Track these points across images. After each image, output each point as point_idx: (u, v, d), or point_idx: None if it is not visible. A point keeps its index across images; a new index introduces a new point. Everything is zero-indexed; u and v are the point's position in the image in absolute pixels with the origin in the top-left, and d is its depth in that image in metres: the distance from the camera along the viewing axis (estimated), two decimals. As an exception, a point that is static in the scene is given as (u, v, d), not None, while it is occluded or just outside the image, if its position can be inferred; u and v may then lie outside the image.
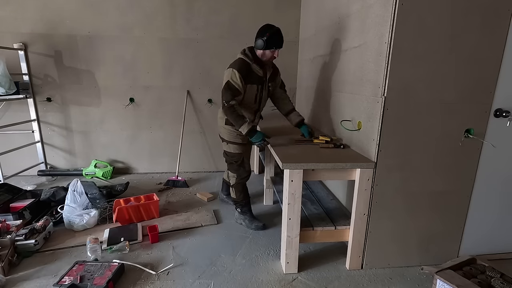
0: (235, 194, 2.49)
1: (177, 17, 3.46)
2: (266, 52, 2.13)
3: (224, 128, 2.35)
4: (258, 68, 2.19)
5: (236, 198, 2.50)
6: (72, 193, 2.48)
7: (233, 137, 2.33)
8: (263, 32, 2.10)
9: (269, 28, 2.10)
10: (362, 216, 1.88)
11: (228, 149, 2.39)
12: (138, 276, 1.89)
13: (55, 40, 3.37)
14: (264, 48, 2.09)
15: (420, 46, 1.65)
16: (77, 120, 3.63)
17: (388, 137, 1.77)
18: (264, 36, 2.07)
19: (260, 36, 2.10)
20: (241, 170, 2.41)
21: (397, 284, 1.86)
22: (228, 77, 2.11)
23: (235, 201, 2.52)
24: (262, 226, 2.43)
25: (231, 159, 2.40)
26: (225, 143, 2.39)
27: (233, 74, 2.09)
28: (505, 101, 1.81)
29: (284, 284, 1.85)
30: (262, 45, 2.09)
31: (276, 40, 2.10)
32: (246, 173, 2.43)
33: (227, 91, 2.10)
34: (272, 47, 2.10)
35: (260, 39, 2.09)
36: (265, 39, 2.07)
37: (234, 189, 2.47)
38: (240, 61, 2.15)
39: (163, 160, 3.84)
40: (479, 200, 1.96)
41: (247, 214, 2.51)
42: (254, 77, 2.18)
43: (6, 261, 1.89)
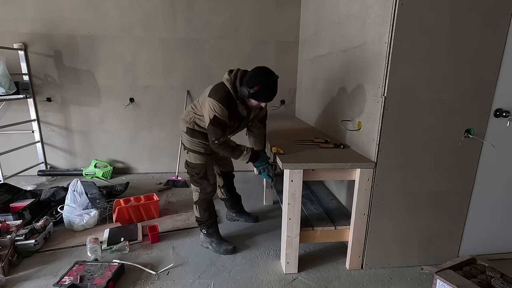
0: (199, 212, 2.14)
1: (177, 17, 3.46)
2: (251, 101, 1.83)
3: (186, 135, 2.05)
4: (243, 109, 1.90)
5: (200, 217, 2.16)
6: (72, 193, 2.48)
7: (195, 145, 2.04)
8: (253, 81, 1.73)
9: (261, 77, 1.74)
10: (362, 216, 1.88)
11: (189, 158, 2.08)
12: (138, 276, 1.89)
13: (55, 40, 3.37)
14: (249, 97, 1.77)
15: (420, 46, 1.65)
16: (77, 120, 3.63)
17: (388, 137, 1.77)
18: (252, 88, 1.71)
19: (247, 84, 1.74)
20: (204, 183, 2.08)
21: (397, 284, 1.86)
22: (213, 111, 1.78)
23: (200, 221, 2.17)
24: (232, 250, 2.13)
25: (193, 170, 2.08)
26: (186, 152, 2.10)
27: (219, 109, 1.77)
28: (505, 101, 1.81)
29: (284, 284, 1.85)
30: (246, 95, 1.76)
31: (265, 94, 1.77)
32: (210, 187, 2.11)
33: (216, 127, 1.79)
34: (259, 100, 1.82)
35: (245, 88, 1.74)
36: (252, 92, 1.72)
37: (198, 207, 2.14)
38: (225, 95, 1.80)
39: (163, 160, 3.84)
40: (479, 200, 1.95)
41: (214, 236, 2.17)
42: (236, 116, 1.89)
43: (6, 261, 1.89)
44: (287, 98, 3.85)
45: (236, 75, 1.84)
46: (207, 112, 1.83)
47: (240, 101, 1.86)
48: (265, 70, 1.77)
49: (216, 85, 1.88)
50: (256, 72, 1.77)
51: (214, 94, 1.81)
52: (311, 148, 2.10)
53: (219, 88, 1.85)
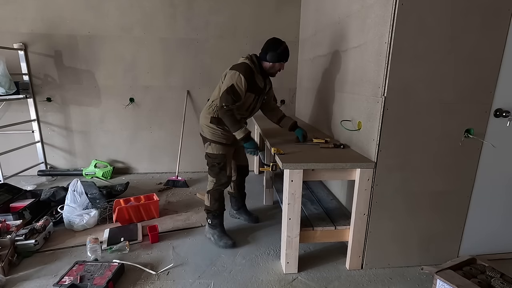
0: (210, 201, 2.25)
1: (177, 17, 3.46)
2: (275, 65, 2.13)
3: (208, 127, 2.18)
4: (261, 79, 2.15)
5: (209, 206, 2.26)
6: (72, 193, 2.48)
7: (217, 136, 2.16)
8: (275, 45, 2.09)
9: (280, 42, 2.11)
10: (362, 216, 1.88)
11: (211, 150, 2.19)
12: (138, 276, 1.89)
13: (55, 40, 3.37)
14: (276, 61, 2.10)
15: (420, 46, 1.65)
16: (77, 120, 3.63)
17: (388, 137, 1.77)
18: (278, 49, 2.08)
19: (272, 49, 2.08)
20: (221, 174, 2.20)
21: (397, 284, 1.86)
22: (232, 80, 1.99)
23: (208, 210, 2.28)
24: (232, 244, 2.20)
25: (214, 161, 2.19)
26: (208, 144, 2.21)
27: (239, 79, 1.99)
28: (505, 101, 1.81)
29: (284, 284, 1.85)
30: (275, 58, 2.08)
31: (287, 53, 2.13)
32: (226, 178, 2.22)
33: (229, 94, 1.98)
34: (283, 60, 2.13)
35: (273, 52, 2.08)
36: (279, 52, 2.07)
37: (210, 196, 2.24)
38: (247, 66, 2.06)
39: (163, 160, 3.84)
40: (479, 200, 1.96)
41: (217, 228, 2.28)
42: (255, 87, 2.11)
43: (6, 261, 1.89)
44: (287, 98, 3.85)
45: (251, 55, 2.14)
46: (226, 81, 2.02)
47: (259, 72, 2.12)
48: (277, 38, 2.15)
49: (235, 64, 2.12)
50: (273, 40, 2.13)
51: (237, 67, 2.04)
52: (311, 148, 2.10)
53: (241, 64, 2.08)
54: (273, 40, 2.13)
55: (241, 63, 2.09)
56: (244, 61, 2.10)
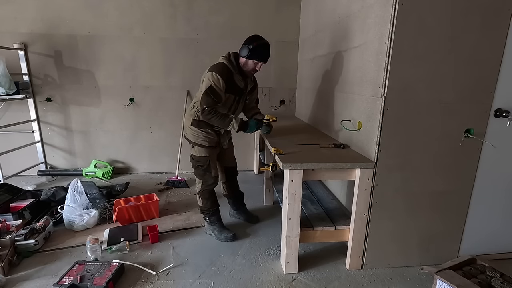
0: (202, 202, 2.31)
1: (177, 17, 3.46)
2: (248, 62, 2.05)
3: (190, 129, 2.17)
4: (240, 79, 2.11)
5: (202, 207, 2.33)
6: (72, 193, 2.48)
7: (200, 139, 2.16)
8: (251, 40, 2.03)
9: (258, 38, 2.04)
10: (362, 216, 1.88)
11: (194, 152, 2.20)
12: (138, 276, 1.89)
13: (55, 40, 3.37)
14: (248, 56, 2.02)
15: (420, 46, 1.65)
16: (77, 120, 3.63)
17: (388, 137, 1.77)
18: (251, 44, 2.00)
19: (247, 43, 2.03)
20: (207, 176, 2.23)
21: (397, 284, 1.86)
22: (210, 81, 1.97)
23: (202, 210, 2.34)
24: (232, 237, 2.28)
25: (197, 163, 2.21)
26: (191, 146, 2.22)
27: (216, 79, 1.97)
28: (505, 101, 1.81)
29: (284, 284, 1.85)
30: (246, 53, 2.01)
31: (261, 52, 2.03)
32: (212, 179, 2.25)
33: (208, 96, 1.97)
34: (256, 59, 2.03)
35: (246, 46, 2.02)
36: (251, 47, 2.00)
37: (200, 197, 2.30)
38: (223, 66, 2.04)
39: (163, 160, 3.84)
40: (479, 200, 1.96)
41: (216, 224, 2.33)
42: (234, 88, 2.08)
43: (6, 261, 1.89)
44: (287, 98, 3.85)
45: (230, 53, 2.12)
46: (204, 83, 2.00)
47: (238, 72, 2.08)
48: (259, 35, 2.08)
49: (213, 64, 2.08)
50: (253, 35, 2.08)
51: (213, 68, 2.02)
52: (311, 148, 2.10)
53: (217, 64, 2.06)
54: (252, 35, 2.07)
55: (218, 63, 2.07)
56: (222, 60, 2.07)
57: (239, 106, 2.23)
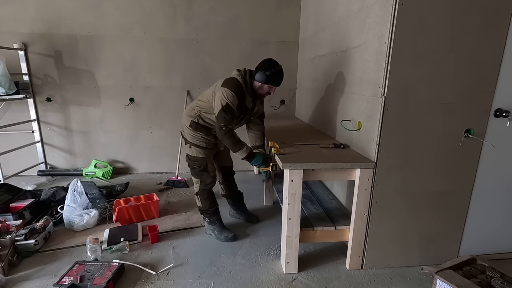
0: (200, 202, 2.31)
1: (177, 17, 3.46)
2: (264, 86, 2.05)
3: (188, 129, 2.17)
4: (250, 100, 2.10)
5: (202, 207, 2.33)
6: (72, 193, 2.48)
7: (197, 140, 2.16)
8: (267, 66, 2.02)
9: (274, 64, 2.04)
10: (362, 216, 1.88)
11: (191, 152, 2.20)
12: (138, 276, 1.89)
13: (55, 40, 3.37)
14: (265, 82, 2.02)
15: (420, 46, 1.65)
16: (77, 120, 3.63)
17: (388, 137, 1.77)
18: (268, 71, 2.00)
19: (263, 69, 2.01)
20: (204, 175, 2.23)
21: (397, 284, 1.86)
22: (226, 98, 1.95)
23: (202, 210, 2.34)
24: (232, 237, 2.28)
25: (194, 163, 2.21)
26: (188, 146, 2.22)
27: (232, 97, 1.95)
28: (505, 101, 1.81)
29: (284, 284, 1.85)
30: (263, 79, 2.01)
31: (278, 78, 2.05)
32: (210, 178, 2.25)
33: (226, 114, 1.95)
34: (272, 84, 2.05)
35: (262, 72, 2.00)
36: (268, 74, 2.00)
37: (199, 197, 2.29)
38: (238, 84, 2.01)
39: (163, 160, 3.84)
40: (479, 200, 1.95)
41: (216, 224, 2.33)
42: (243, 108, 2.07)
43: (6, 261, 1.89)
44: (287, 98, 3.85)
45: (245, 71, 2.09)
46: (219, 100, 1.96)
47: (249, 94, 2.08)
48: (273, 59, 2.07)
49: (228, 78, 2.06)
50: (268, 60, 2.07)
51: (228, 85, 2.00)
52: (311, 148, 2.10)
53: (232, 80, 2.03)
54: (268, 60, 2.06)
55: (233, 79, 2.04)
56: (236, 77, 2.05)
57: (241, 122, 2.22)
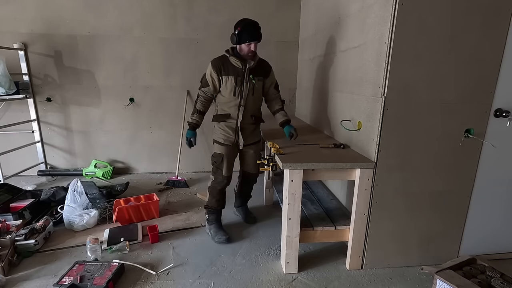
0: (208, 197, 2.34)
1: (177, 17, 3.46)
2: (242, 47, 2.06)
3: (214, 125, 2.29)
4: (235, 59, 2.10)
5: (207, 202, 2.35)
6: (72, 193, 2.48)
7: (217, 135, 2.25)
8: (235, 26, 2.05)
9: (241, 21, 2.05)
10: (362, 216, 1.88)
11: (214, 148, 2.29)
12: (138, 276, 1.89)
13: (55, 40, 3.37)
14: (237, 42, 2.05)
15: (420, 46, 1.65)
16: (77, 120, 3.63)
17: (388, 137, 1.77)
18: (236, 30, 2.03)
19: (233, 31, 2.06)
20: (218, 173, 2.25)
21: (397, 284, 1.86)
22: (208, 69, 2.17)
23: (206, 205, 2.38)
24: (225, 240, 2.25)
25: (213, 158, 2.28)
26: (213, 143, 2.32)
27: (209, 68, 2.14)
28: (505, 101, 1.81)
29: (284, 284, 1.85)
30: (235, 40, 2.05)
31: (248, 33, 2.01)
32: (221, 177, 2.24)
33: (201, 80, 2.22)
34: (245, 41, 2.02)
35: (232, 34, 2.05)
36: (237, 33, 2.01)
37: (209, 192, 2.33)
38: (217, 57, 2.16)
39: (163, 160, 3.84)
40: (479, 200, 1.96)
41: (213, 224, 2.35)
42: (230, 69, 2.11)
43: (6, 261, 1.89)
44: (287, 98, 3.85)
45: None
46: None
47: (233, 54, 2.11)
48: (244, 18, 2.10)
49: None
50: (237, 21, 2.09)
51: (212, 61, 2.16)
52: (311, 148, 2.10)
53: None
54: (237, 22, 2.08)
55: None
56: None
57: (244, 87, 2.12)
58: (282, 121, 2.32)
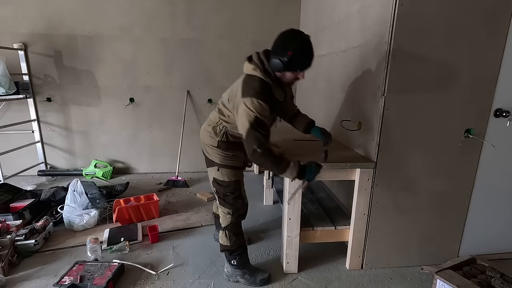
0: (229, 239, 1.77)
1: (177, 17, 3.46)
2: (286, 74, 1.53)
3: (214, 149, 1.69)
4: (281, 92, 1.59)
5: (230, 246, 1.77)
6: (72, 193, 2.48)
7: (228, 159, 1.69)
8: (283, 48, 1.44)
9: (292, 41, 1.43)
10: (362, 216, 1.88)
11: (221, 176, 1.70)
12: (138, 276, 1.89)
13: (55, 40, 3.37)
14: (284, 70, 1.48)
15: (420, 46, 1.65)
16: (77, 120, 3.63)
17: (388, 137, 1.77)
18: (285, 55, 1.42)
19: (278, 54, 1.45)
20: (238, 203, 1.75)
21: (397, 284, 1.86)
22: (253, 111, 1.44)
23: (230, 250, 1.79)
24: (269, 277, 1.84)
25: (226, 189, 1.72)
26: (215, 169, 1.71)
27: (259, 107, 1.45)
28: (505, 101, 1.81)
29: (284, 284, 1.85)
30: (281, 67, 1.46)
31: (304, 58, 1.46)
32: (244, 206, 1.79)
33: (256, 132, 1.45)
34: (296, 70, 1.49)
35: (277, 59, 1.44)
36: (286, 60, 1.43)
37: (227, 233, 1.76)
38: (261, 84, 1.49)
39: (163, 160, 3.84)
40: (479, 200, 1.95)
41: (247, 266, 1.84)
42: (275, 105, 1.56)
43: (6, 261, 1.89)
44: (287, 98, 3.84)
45: (260, 56, 1.54)
46: (244, 115, 1.46)
47: (275, 83, 1.55)
48: (292, 31, 1.46)
49: (244, 81, 1.54)
50: (284, 38, 1.46)
51: (248, 92, 1.47)
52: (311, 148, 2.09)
53: (249, 82, 1.51)
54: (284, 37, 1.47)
55: (252, 78, 1.52)
56: (254, 73, 1.52)
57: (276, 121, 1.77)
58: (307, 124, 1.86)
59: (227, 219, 1.77)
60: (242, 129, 1.49)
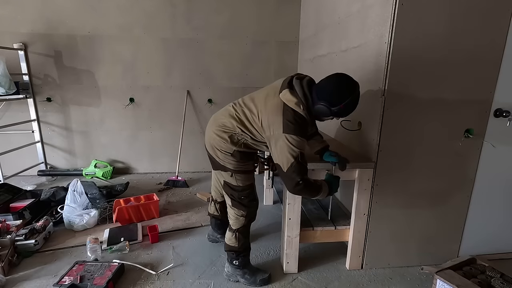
0: (238, 241, 1.78)
1: (177, 17, 3.46)
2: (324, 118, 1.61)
3: (226, 155, 1.68)
4: (312, 126, 1.73)
5: (238, 247, 1.79)
6: (72, 193, 2.48)
7: (242, 164, 1.72)
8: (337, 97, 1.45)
9: (347, 95, 1.45)
10: (362, 216, 1.88)
11: (235, 181, 1.73)
12: (138, 276, 1.89)
13: (55, 40, 3.37)
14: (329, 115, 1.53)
15: (420, 46, 1.65)
16: (77, 120, 3.63)
17: (388, 137, 1.77)
18: (336, 106, 1.45)
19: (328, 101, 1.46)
20: (253, 205, 1.81)
21: (397, 284, 1.86)
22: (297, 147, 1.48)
23: (237, 251, 1.81)
24: (269, 277, 1.87)
25: (241, 194, 1.75)
26: (228, 174, 1.72)
27: (301, 144, 1.49)
28: (505, 101, 1.81)
29: (284, 284, 1.85)
30: (326, 113, 1.50)
31: (349, 111, 1.51)
32: (256, 205, 1.86)
33: (301, 165, 1.50)
34: (338, 117, 1.56)
35: (326, 107, 1.46)
36: (335, 110, 1.47)
37: (239, 235, 1.78)
38: (302, 121, 1.51)
39: (163, 160, 3.84)
40: (479, 200, 1.95)
41: (248, 266, 1.87)
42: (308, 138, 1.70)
43: (6, 261, 1.89)
44: (287, 98, 3.84)
45: (304, 90, 1.52)
46: (286, 150, 1.48)
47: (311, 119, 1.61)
48: (349, 83, 1.48)
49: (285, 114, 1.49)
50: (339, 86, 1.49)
51: (290, 128, 1.47)
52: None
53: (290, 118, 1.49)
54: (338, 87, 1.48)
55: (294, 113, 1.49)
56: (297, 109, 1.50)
57: None
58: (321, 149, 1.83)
59: (240, 221, 1.79)
60: (284, 163, 1.51)
